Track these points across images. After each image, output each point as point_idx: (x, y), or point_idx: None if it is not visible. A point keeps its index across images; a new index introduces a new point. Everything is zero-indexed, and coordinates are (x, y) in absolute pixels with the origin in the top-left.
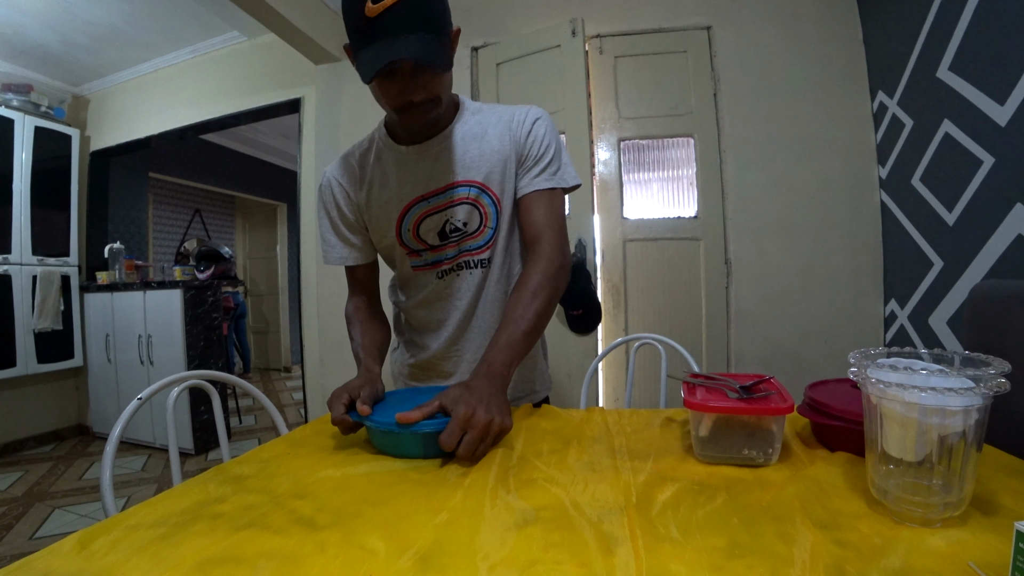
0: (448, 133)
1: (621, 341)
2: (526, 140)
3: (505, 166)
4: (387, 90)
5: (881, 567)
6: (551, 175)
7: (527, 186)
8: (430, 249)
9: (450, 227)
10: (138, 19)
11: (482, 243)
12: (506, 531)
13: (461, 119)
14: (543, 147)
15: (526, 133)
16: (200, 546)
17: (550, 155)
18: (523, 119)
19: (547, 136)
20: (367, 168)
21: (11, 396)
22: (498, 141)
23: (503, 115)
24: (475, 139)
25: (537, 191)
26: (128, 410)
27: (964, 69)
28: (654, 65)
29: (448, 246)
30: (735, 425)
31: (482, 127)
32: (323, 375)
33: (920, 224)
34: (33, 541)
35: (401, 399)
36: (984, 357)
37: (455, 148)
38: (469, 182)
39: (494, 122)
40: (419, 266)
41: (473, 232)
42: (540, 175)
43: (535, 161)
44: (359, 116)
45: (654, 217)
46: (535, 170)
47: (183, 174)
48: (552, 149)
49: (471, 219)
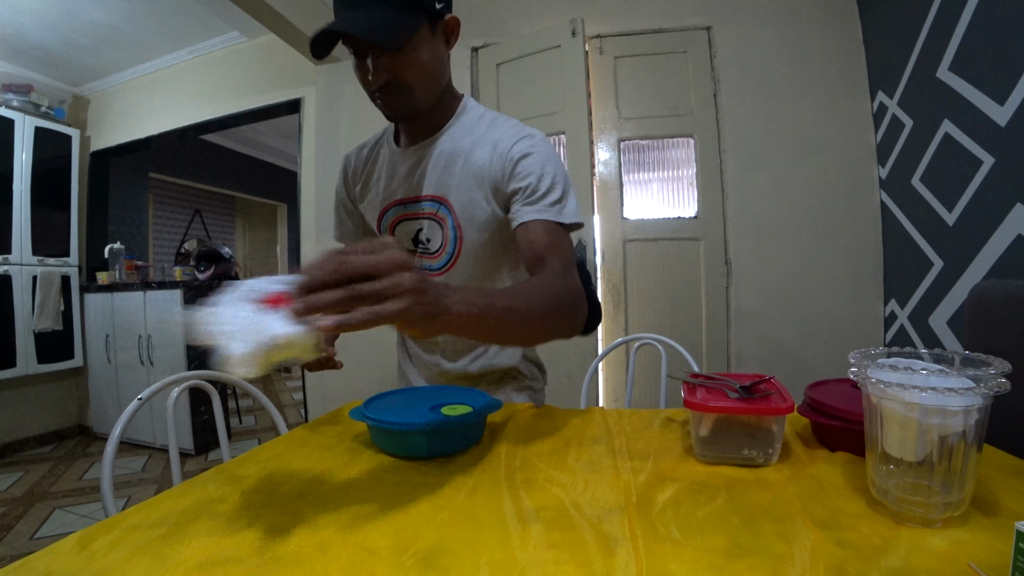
0: (435, 140)
1: (621, 341)
2: (513, 172)
3: (475, 195)
4: (359, 73)
5: (881, 567)
6: (552, 207)
7: (523, 215)
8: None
9: (419, 238)
10: (138, 19)
11: (437, 266)
12: (506, 531)
13: (456, 124)
14: (535, 179)
15: (512, 167)
16: (200, 546)
17: (544, 188)
18: (509, 152)
19: (544, 169)
20: (369, 161)
21: (11, 396)
22: (483, 167)
23: (497, 134)
24: (459, 156)
25: (536, 221)
26: (128, 410)
27: (964, 69)
28: (654, 65)
29: (415, 256)
30: (735, 425)
31: (471, 146)
32: (323, 375)
33: (920, 224)
34: (33, 541)
35: (402, 398)
36: (984, 357)
37: (439, 159)
38: (439, 199)
39: (486, 140)
40: None
41: (434, 252)
42: (535, 205)
43: (531, 192)
44: (359, 116)
45: (654, 217)
46: (532, 200)
47: (183, 174)
48: (550, 183)
49: (434, 237)
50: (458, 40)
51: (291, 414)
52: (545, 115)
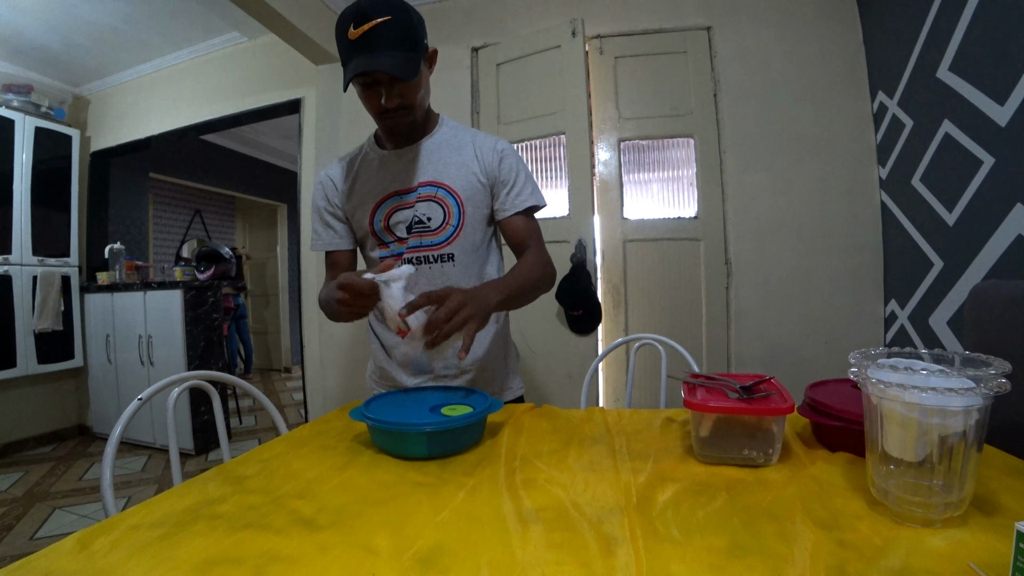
0: (425, 141)
1: (621, 341)
2: (499, 166)
3: (474, 178)
4: (369, 99)
5: (882, 567)
6: (528, 195)
7: (508, 208)
8: (397, 240)
9: (415, 220)
10: (138, 20)
11: (444, 238)
12: (507, 531)
13: (439, 131)
14: (514, 174)
15: (498, 161)
16: (200, 546)
17: (522, 180)
18: (493, 147)
19: (517, 165)
20: (354, 167)
21: (11, 396)
22: (472, 159)
23: (477, 140)
24: (452, 150)
25: (517, 213)
26: (128, 410)
27: (964, 69)
28: (654, 66)
29: (412, 237)
30: (735, 425)
31: (459, 142)
32: (323, 375)
33: (920, 224)
34: (33, 541)
35: (403, 399)
36: (984, 357)
37: (431, 153)
38: (436, 183)
39: (469, 142)
40: (385, 256)
41: (436, 228)
42: (517, 198)
43: (511, 186)
44: (359, 117)
45: (654, 217)
46: (512, 194)
47: (183, 174)
48: (523, 175)
49: (434, 215)
50: (456, 42)
51: (291, 414)
52: (545, 115)
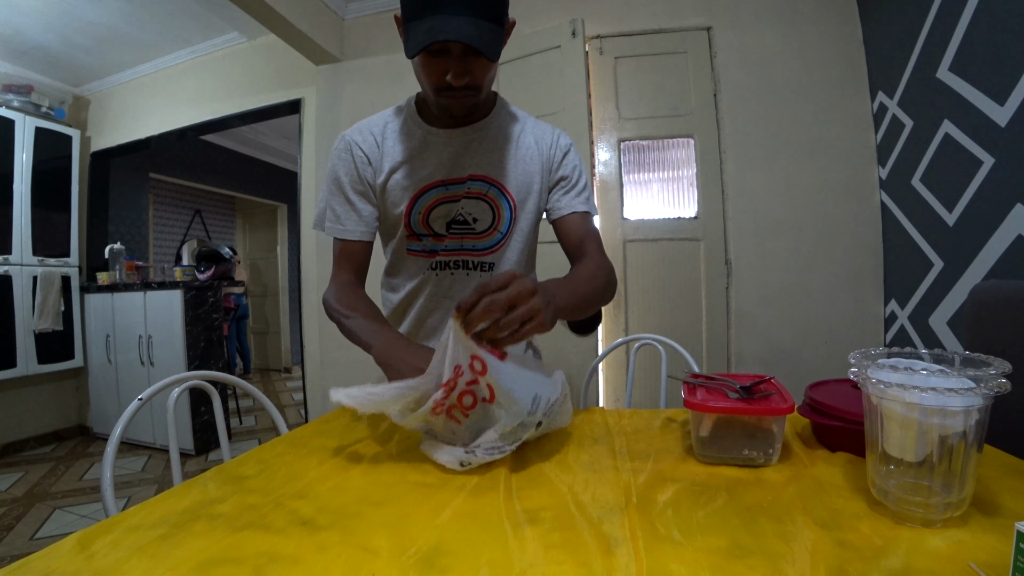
0: (483, 126)
1: (621, 342)
2: (562, 162)
3: (532, 179)
4: (431, 69)
5: (882, 567)
6: (586, 199)
7: (566, 207)
8: (433, 236)
9: (459, 218)
10: (138, 20)
11: (488, 245)
12: (506, 531)
13: (499, 116)
14: (578, 173)
15: (562, 156)
16: (200, 546)
17: (583, 182)
18: (557, 141)
19: (580, 164)
20: (389, 139)
21: (11, 397)
22: (533, 154)
23: (538, 130)
24: (509, 142)
25: (576, 212)
26: (128, 411)
27: (964, 69)
28: (654, 66)
29: (450, 237)
30: (735, 425)
31: (518, 133)
32: (323, 375)
33: (920, 224)
34: (33, 542)
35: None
36: (984, 357)
37: (486, 142)
38: (491, 180)
39: (530, 132)
40: (415, 250)
41: (482, 232)
42: (577, 197)
43: (572, 185)
44: (359, 117)
45: (654, 218)
46: (572, 192)
47: (183, 174)
48: (586, 177)
49: (482, 216)
50: None
51: (291, 414)
52: (545, 115)
